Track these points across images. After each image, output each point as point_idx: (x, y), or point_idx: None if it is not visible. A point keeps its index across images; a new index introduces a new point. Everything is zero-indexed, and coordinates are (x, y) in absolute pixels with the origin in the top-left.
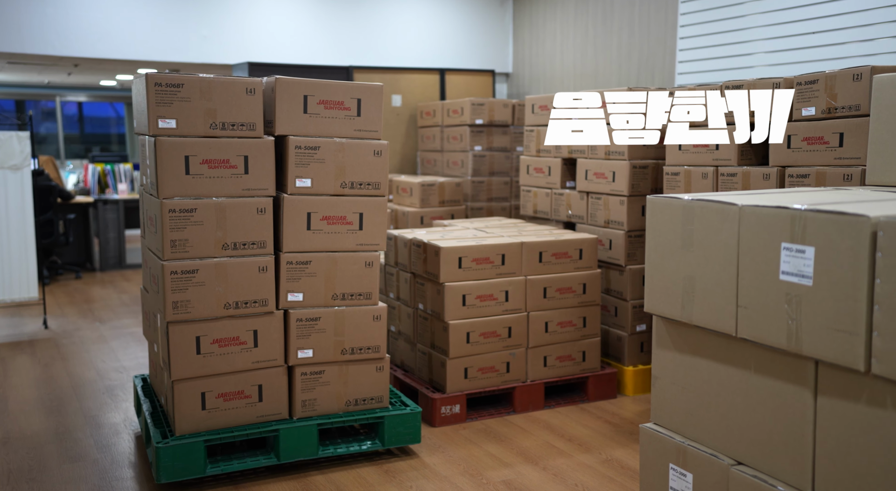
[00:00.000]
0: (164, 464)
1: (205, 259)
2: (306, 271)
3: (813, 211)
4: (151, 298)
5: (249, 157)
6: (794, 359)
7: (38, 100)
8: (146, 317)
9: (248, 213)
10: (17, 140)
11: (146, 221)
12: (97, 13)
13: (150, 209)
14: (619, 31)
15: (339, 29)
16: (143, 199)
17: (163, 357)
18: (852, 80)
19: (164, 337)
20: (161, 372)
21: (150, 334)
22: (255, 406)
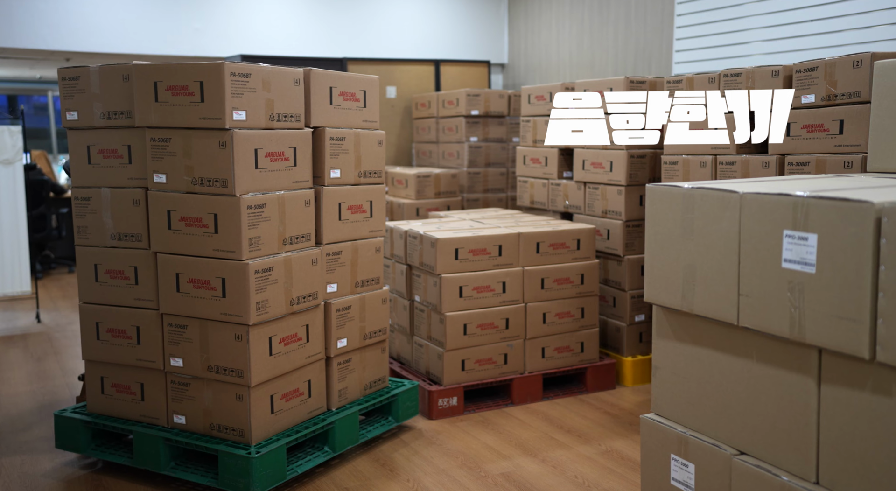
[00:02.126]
0: (259, 474)
1: (275, 255)
2: (339, 261)
3: (815, 198)
4: (183, 303)
5: (297, 150)
6: (797, 347)
7: (31, 95)
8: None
9: (298, 206)
10: (9, 134)
11: (174, 221)
12: (89, 7)
13: (198, 207)
14: (616, 20)
15: (333, 20)
16: (162, 200)
17: (218, 364)
18: (852, 67)
19: (240, 343)
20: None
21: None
22: (306, 402)
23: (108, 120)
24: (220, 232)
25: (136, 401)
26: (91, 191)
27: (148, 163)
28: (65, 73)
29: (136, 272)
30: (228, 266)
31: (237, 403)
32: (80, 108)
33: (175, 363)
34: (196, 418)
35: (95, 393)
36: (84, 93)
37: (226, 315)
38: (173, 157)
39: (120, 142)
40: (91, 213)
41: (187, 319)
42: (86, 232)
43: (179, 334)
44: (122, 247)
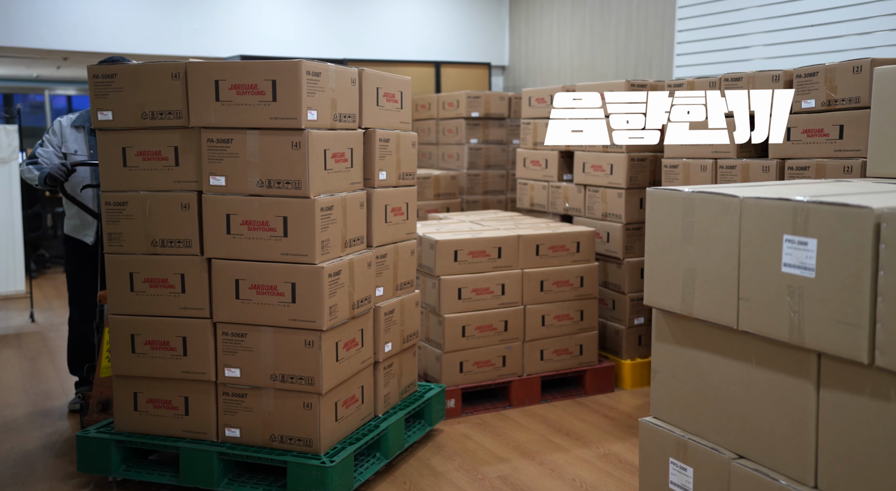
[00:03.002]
0: (334, 483)
1: (341, 259)
2: (384, 264)
3: (815, 203)
4: (242, 311)
5: (353, 151)
6: (796, 351)
7: (27, 93)
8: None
9: (355, 208)
10: (5, 133)
11: (235, 225)
12: (87, 6)
13: (265, 210)
14: (617, 23)
15: (333, 21)
16: (220, 203)
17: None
18: (852, 73)
19: (311, 350)
20: None
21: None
22: (360, 409)
23: (152, 120)
24: (289, 235)
25: (178, 416)
26: (127, 195)
27: (203, 165)
28: (98, 70)
29: (183, 280)
30: (300, 270)
31: (305, 411)
32: (115, 107)
33: (231, 374)
34: (253, 430)
35: (126, 410)
36: (121, 91)
37: (295, 321)
38: (235, 159)
39: (164, 143)
40: (126, 218)
41: (247, 327)
42: (119, 239)
43: (237, 343)
44: (165, 254)
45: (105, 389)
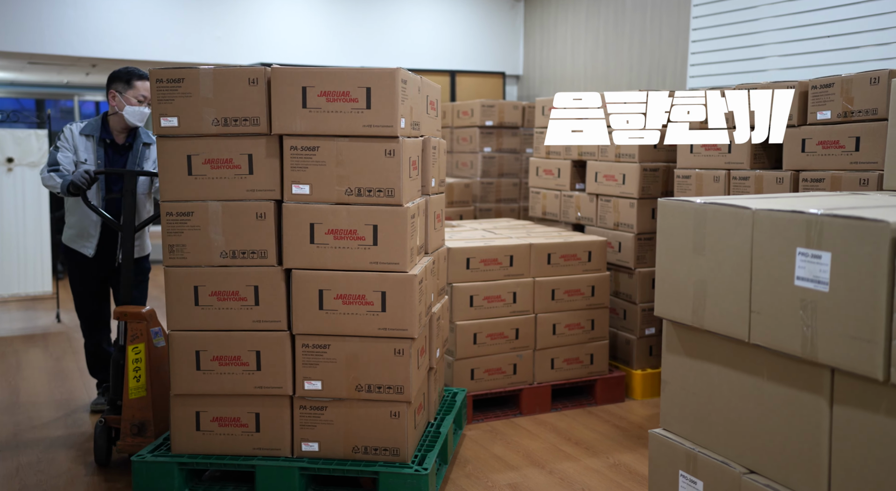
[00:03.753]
0: (431, 490)
1: (418, 266)
2: (433, 269)
3: (829, 216)
4: (326, 321)
5: (419, 158)
6: (809, 366)
7: (58, 99)
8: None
9: (422, 214)
10: (36, 138)
11: (319, 234)
12: (115, 15)
13: (353, 219)
14: (631, 34)
15: (351, 30)
16: (303, 212)
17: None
18: (869, 84)
19: (400, 359)
20: None
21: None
22: (423, 415)
23: (224, 127)
24: (379, 244)
25: (247, 433)
26: (192, 205)
27: (286, 173)
28: (162, 74)
29: (257, 291)
30: (391, 279)
31: (392, 421)
32: (181, 113)
33: (311, 386)
34: (334, 443)
35: (187, 431)
36: (190, 97)
37: (385, 330)
38: (321, 167)
39: (237, 150)
40: (192, 229)
41: (331, 338)
42: (182, 251)
43: (319, 355)
44: (236, 265)
45: (137, 411)
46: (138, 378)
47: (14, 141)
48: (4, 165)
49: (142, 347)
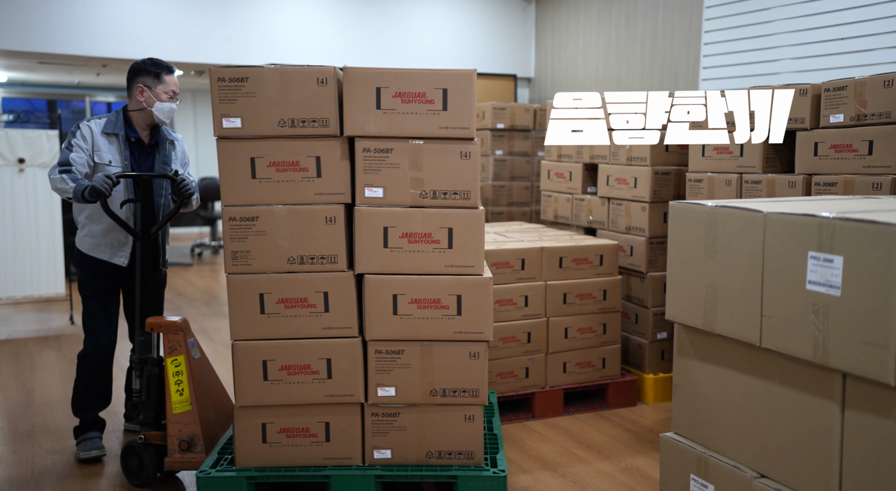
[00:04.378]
0: None
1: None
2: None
3: (842, 219)
4: (401, 327)
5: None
6: (820, 371)
7: (69, 100)
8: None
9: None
10: (47, 138)
11: (393, 238)
12: (125, 15)
13: (428, 222)
14: (643, 36)
15: (361, 32)
16: (377, 215)
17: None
18: (883, 87)
19: (475, 362)
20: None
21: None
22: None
23: (291, 128)
24: (454, 247)
25: (317, 443)
26: (257, 210)
27: (358, 175)
28: (224, 72)
29: (327, 298)
30: (467, 282)
31: (467, 424)
32: (245, 114)
33: (384, 393)
34: (406, 449)
35: (253, 443)
36: (254, 97)
37: (461, 333)
38: (395, 169)
39: (305, 153)
40: (257, 235)
41: (405, 343)
42: (246, 257)
43: (393, 361)
44: (305, 271)
45: (183, 426)
46: (181, 391)
47: (25, 141)
48: (16, 166)
49: (181, 358)
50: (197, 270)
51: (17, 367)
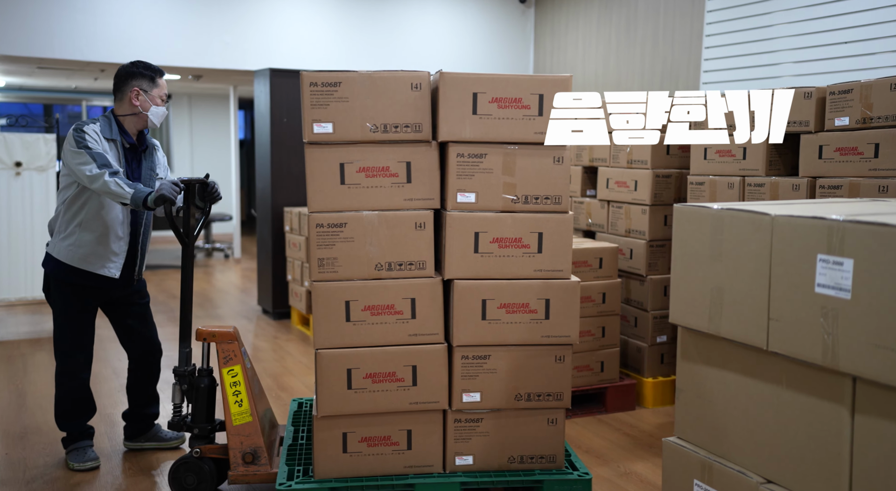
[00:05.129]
0: None
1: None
2: None
3: (852, 222)
4: (488, 332)
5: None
6: (829, 375)
7: (66, 104)
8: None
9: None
10: (44, 142)
11: (484, 243)
12: (124, 20)
13: (518, 227)
14: (643, 40)
15: (360, 36)
16: (468, 221)
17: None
18: (889, 90)
19: (561, 365)
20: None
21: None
22: None
23: (383, 133)
24: (543, 251)
25: (398, 452)
26: (346, 216)
27: (450, 181)
28: (316, 77)
29: (414, 304)
30: (555, 286)
31: (550, 428)
32: (337, 119)
33: (469, 399)
34: (489, 455)
35: (333, 454)
36: (346, 102)
37: (548, 337)
38: (488, 175)
39: (395, 158)
40: (345, 241)
41: (491, 348)
42: (333, 265)
43: (479, 366)
44: (393, 277)
45: (245, 437)
46: (240, 402)
47: (22, 145)
48: (13, 169)
49: (238, 368)
50: None
51: (9, 369)
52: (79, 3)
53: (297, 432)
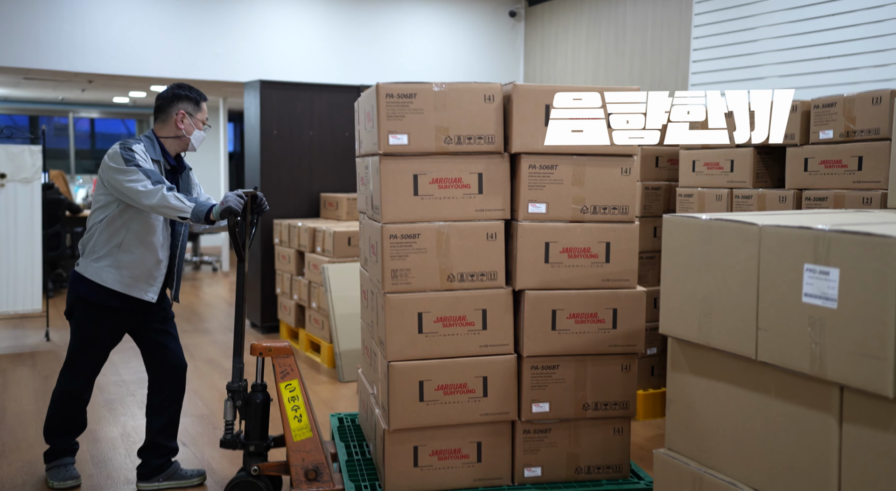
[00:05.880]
0: None
1: None
2: None
3: (838, 231)
4: (557, 341)
5: None
6: (817, 384)
7: (52, 116)
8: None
9: None
10: (30, 154)
11: (554, 253)
12: (113, 30)
13: (587, 237)
14: (631, 54)
15: (350, 48)
16: (538, 231)
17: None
18: (871, 104)
19: (627, 374)
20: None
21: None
22: None
23: (457, 145)
24: (611, 261)
25: (468, 464)
26: (420, 227)
27: (522, 191)
28: (393, 89)
29: (485, 315)
30: (622, 296)
31: (615, 437)
32: (412, 130)
33: (539, 409)
34: (556, 466)
35: (404, 468)
36: (421, 113)
37: (615, 347)
38: (558, 186)
39: (468, 169)
40: (418, 252)
41: (560, 358)
42: (406, 276)
43: (548, 376)
44: (465, 288)
45: (306, 453)
46: (299, 418)
47: (7, 156)
48: None
49: (296, 383)
50: None
51: None
52: (66, 13)
53: (348, 448)
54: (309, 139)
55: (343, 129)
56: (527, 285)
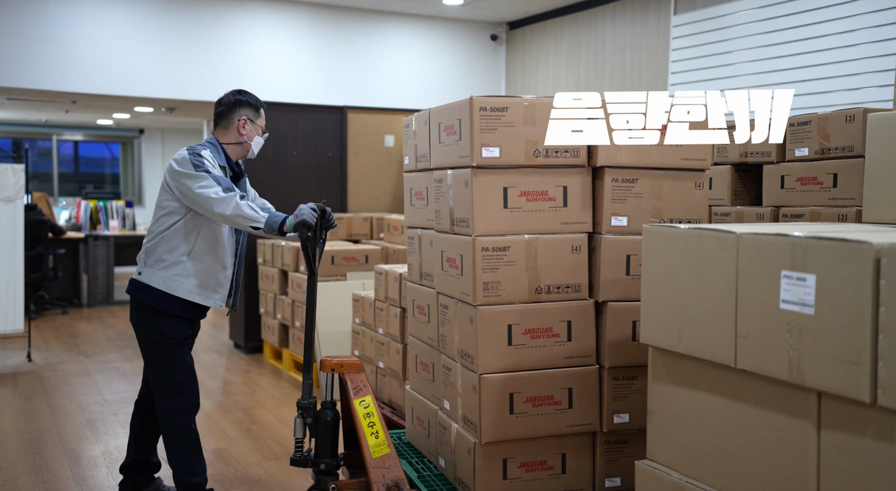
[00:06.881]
0: None
1: None
2: None
3: (814, 238)
4: (636, 353)
5: None
6: (795, 391)
7: (35, 139)
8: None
9: None
10: (12, 173)
11: (634, 265)
12: (98, 50)
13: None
14: (611, 76)
15: (334, 69)
16: (620, 244)
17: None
18: (845, 122)
19: None
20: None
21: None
22: None
23: (545, 158)
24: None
25: (553, 476)
26: (508, 240)
27: (605, 205)
28: (487, 102)
29: (570, 327)
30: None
31: None
32: (503, 143)
33: (619, 420)
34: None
35: (493, 481)
36: (512, 127)
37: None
38: (639, 199)
39: (554, 182)
40: (508, 265)
41: (639, 369)
42: (496, 288)
43: (628, 387)
44: (551, 300)
45: (386, 470)
46: (376, 434)
47: None
48: None
49: (369, 399)
50: None
51: None
52: (51, 34)
53: (410, 464)
54: (293, 159)
55: (327, 150)
56: (609, 297)
